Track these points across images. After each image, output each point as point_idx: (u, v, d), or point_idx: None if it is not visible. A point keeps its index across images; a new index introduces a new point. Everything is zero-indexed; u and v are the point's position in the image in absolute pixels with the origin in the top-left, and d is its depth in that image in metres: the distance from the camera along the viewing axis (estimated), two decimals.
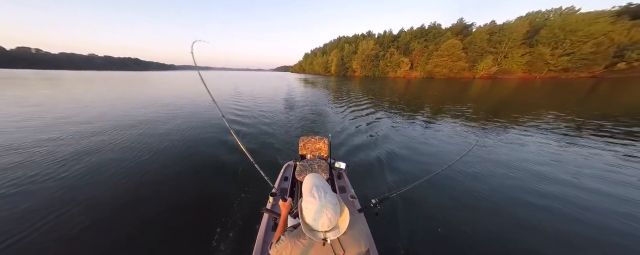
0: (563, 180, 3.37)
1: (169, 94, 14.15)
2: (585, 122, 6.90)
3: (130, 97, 12.17)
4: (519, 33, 45.01)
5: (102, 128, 6.00)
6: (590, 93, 16.00)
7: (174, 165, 3.82)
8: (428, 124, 6.93)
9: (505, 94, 16.62)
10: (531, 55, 43.75)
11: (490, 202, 2.84)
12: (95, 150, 4.44)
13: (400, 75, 60.50)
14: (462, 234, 2.30)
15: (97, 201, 2.78)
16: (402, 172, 3.64)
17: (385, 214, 2.43)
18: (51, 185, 3.12)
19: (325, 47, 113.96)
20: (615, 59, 37.51)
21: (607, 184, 3.23)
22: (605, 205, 2.75)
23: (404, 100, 12.70)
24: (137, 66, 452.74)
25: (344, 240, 0.86)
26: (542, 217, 2.55)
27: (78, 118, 7.03)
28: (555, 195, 2.95)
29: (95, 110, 8.48)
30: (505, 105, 10.95)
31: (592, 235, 2.29)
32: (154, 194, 2.98)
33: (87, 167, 3.65)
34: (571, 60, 40.02)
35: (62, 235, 2.23)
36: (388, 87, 23.41)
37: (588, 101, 12.03)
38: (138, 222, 2.42)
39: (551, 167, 3.83)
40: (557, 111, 8.72)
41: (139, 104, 9.89)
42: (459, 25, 58.41)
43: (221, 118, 2.19)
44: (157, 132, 5.67)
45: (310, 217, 0.82)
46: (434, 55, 53.08)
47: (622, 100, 12.42)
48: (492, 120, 7.32)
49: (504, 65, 47.03)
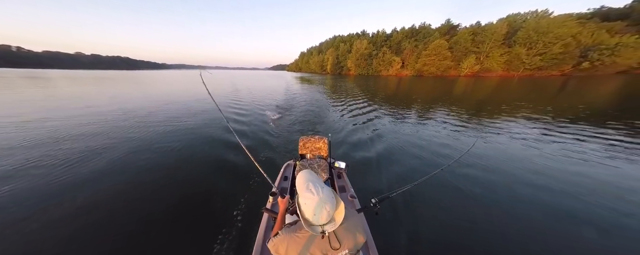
0: (563, 178, 3.43)
1: (165, 94, 14.14)
2: (577, 120, 7.17)
3: (126, 98, 12.14)
4: (498, 34, 49.85)
5: (100, 128, 6.10)
6: (561, 90, 17.29)
7: (174, 165, 3.91)
8: (428, 124, 7.04)
9: (490, 91, 17.48)
10: (509, 55, 48.70)
11: (489, 201, 2.89)
12: (91, 151, 4.48)
13: (392, 74, 64.97)
14: (461, 233, 2.35)
15: (97, 201, 2.84)
16: (401, 172, 3.71)
17: (385, 214, 2.47)
18: (50, 186, 3.17)
19: (321, 46, 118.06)
20: (581, 59, 42.58)
21: (607, 183, 3.26)
22: (606, 204, 2.77)
23: (401, 99, 13.03)
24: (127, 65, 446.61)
25: (339, 233, 0.92)
26: (541, 215, 2.60)
27: (58, 122, 6.78)
28: (555, 195, 3.00)
29: (87, 110, 8.56)
30: (496, 103, 11.21)
31: (592, 235, 2.32)
32: (154, 194, 3.04)
33: (84, 169, 3.69)
34: (543, 59, 45.01)
35: (62, 235, 2.28)
36: (382, 85, 24.32)
37: (564, 97, 13.02)
38: (138, 222, 2.48)
39: (550, 164, 3.93)
40: (552, 108, 9.31)
41: (135, 105, 9.81)
42: (446, 25, 63.11)
43: (221, 118, 2.22)
44: (156, 133, 5.75)
45: (309, 212, 0.86)
46: (423, 55, 57.61)
47: (589, 96, 13.53)
48: (491, 119, 7.47)
49: (485, 64, 51.91)
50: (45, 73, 53.16)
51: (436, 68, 56.39)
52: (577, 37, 42.34)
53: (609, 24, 44.83)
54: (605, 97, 12.68)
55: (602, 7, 56.25)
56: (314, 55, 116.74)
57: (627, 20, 47.62)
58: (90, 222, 2.47)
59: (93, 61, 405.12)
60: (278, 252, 0.94)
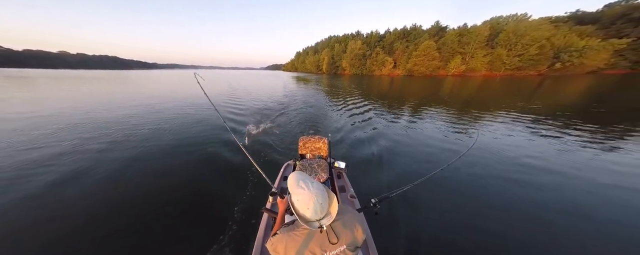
0: (562, 177, 3.55)
1: (161, 94, 14.28)
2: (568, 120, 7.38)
3: (122, 98, 12.11)
4: (482, 36, 54.42)
5: (97, 128, 6.17)
6: (537, 88, 18.49)
7: (173, 165, 4.00)
8: (427, 124, 7.13)
9: (477, 90, 18.41)
10: (492, 56, 53.31)
11: (489, 200, 2.96)
12: (87, 150, 4.57)
13: (385, 73, 69.02)
14: (461, 232, 2.40)
15: (97, 202, 2.92)
16: (401, 172, 3.79)
17: (385, 214, 2.51)
18: (48, 187, 3.26)
19: (317, 46, 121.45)
20: (554, 60, 47.43)
21: (606, 182, 3.35)
22: (613, 202, 2.85)
23: (398, 98, 13.36)
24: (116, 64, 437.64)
25: (337, 228, 0.95)
26: (540, 214, 2.67)
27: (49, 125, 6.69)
28: (555, 194, 3.07)
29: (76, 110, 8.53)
30: (491, 102, 11.75)
31: (592, 233, 2.37)
32: (154, 194, 3.11)
33: (82, 169, 3.79)
34: (522, 60, 49.77)
35: (60, 235, 2.34)
36: (376, 84, 25.26)
37: (542, 95, 13.85)
38: (138, 222, 2.55)
39: (550, 163, 4.06)
40: (542, 106, 9.87)
41: (127, 107, 9.67)
42: (436, 27, 67.54)
43: (219, 118, 2.42)
44: (155, 134, 5.81)
45: (303, 207, 0.89)
46: (413, 55, 61.79)
47: (568, 93, 14.52)
48: (490, 119, 7.59)
49: (470, 64, 56.46)
50: (23, 72, 52.21)
51: (425, 68, 60.66)
52: (551, 40, 47.20)
53: (582, 28, 49.93)
54: (573, 96, 13.66)
55: (577, 11, 61.87)
56: (309, 55, 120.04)
57: (596, 24, 52.96)
58: (90, 222, 2.54)
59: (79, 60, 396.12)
60: (276, 251, 0.96)
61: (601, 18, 55.16)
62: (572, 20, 55.82)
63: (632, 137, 5.63)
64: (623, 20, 50.58)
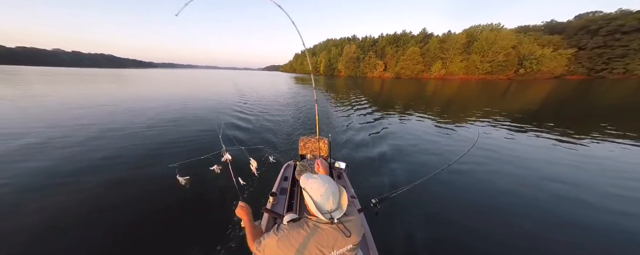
0: (562, 176, 3.70)
1: (155, 94, 14.58)
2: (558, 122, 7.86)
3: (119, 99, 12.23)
4: (459, 43, 64.34)
5: (94, 129, 6.34)
6: (506, 92, 20.52)
7: (173, 166, 3.93)
8: (426, 124, 7.49)
9: (462, 92, 19.62)
10: (467, 61, 63.08)
11: (489, 201, 3.09)
12: (84, 150, 4.76)
13: (376, 76, 78.97)
14: (461, 232, 2.50)
15: (97, 202, 3.03)
16: (402, 172, 3.94)
17: (385, 214, 2.56)
18: (48, 186, 3.37)
19: (315, 48, 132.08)
20: (518, 66, 57.13)
21: (606, 181, 3.54)
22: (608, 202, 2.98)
23: (394, 98, 13.78)
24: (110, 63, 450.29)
25: (346, 222, 0.99)
26: (541, 214, 2.77)
27: None
28: (555, 193, 3.22)
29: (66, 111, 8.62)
30: (489, 102, 12.20)
31: (591, 232, 2.48)
32: (154, 194, 3.25)
33: (81, 169, 3.91)
34: (492, 66, 59.48)
35: (62, 236, 2.43)
36: (369, 85, 27.47)
37: (511, 100, 15.08)
38: (138, 223, 2.66)
39: (550, 164, 4.25)
40: (536, 109, 10.99)
41: (125, 108, 9.77)
42: (422, 34, 77.80)
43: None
44: (152, 133, 6.10)
45: (317, 194, 0.94)
46: (401, 60, 71.71)
47: (529, 97, 16.36)
48: (489, 118, 8.03)
49: (449, 68, 66.30)
50: (15, 69, 55.53)
51: (411, 71, 70.62)
52: (517, 48, 56.92)
53: (550, 37, 59.49)
54: (539, 101, 15.07)
55: (552, 21, 71.88)
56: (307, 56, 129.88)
57: (562, 34, 62.67)
58: (90, 223, 2.64)
59: (74, 58, 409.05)
60: (268, 252, 0.98)
61: (567, 28, 65.05)
62: (547, 29, 65.67)
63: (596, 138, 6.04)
64: (583, 32, 60.31)
